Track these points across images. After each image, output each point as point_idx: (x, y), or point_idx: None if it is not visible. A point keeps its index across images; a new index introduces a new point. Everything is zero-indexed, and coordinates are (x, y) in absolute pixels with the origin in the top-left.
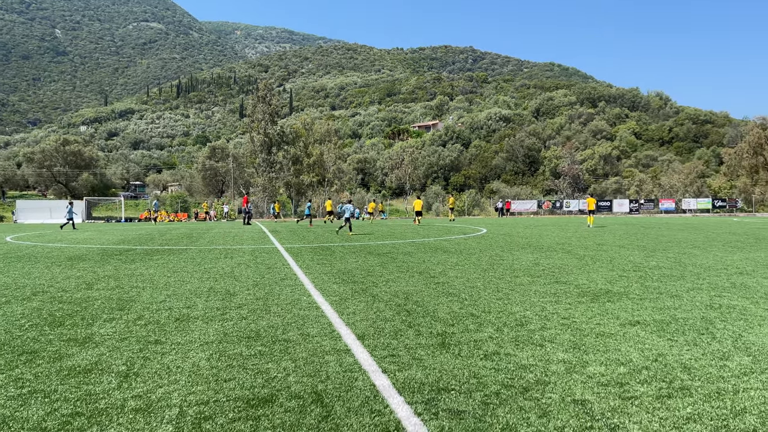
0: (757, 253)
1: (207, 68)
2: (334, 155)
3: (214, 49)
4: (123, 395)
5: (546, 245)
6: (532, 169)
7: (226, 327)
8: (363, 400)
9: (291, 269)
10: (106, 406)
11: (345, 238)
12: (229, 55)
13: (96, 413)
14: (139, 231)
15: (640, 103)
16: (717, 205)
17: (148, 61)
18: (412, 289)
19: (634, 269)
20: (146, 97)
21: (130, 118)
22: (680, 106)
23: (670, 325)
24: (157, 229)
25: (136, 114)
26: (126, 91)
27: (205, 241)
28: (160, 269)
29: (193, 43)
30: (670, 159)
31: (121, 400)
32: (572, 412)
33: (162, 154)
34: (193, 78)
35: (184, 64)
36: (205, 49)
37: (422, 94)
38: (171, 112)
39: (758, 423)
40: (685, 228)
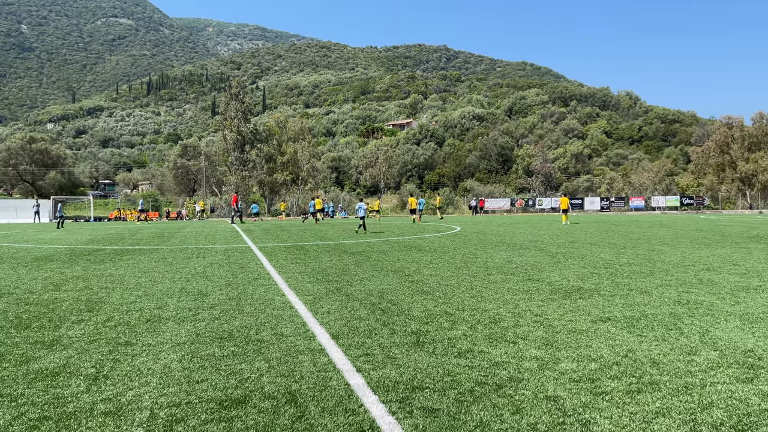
0: (723, 249)
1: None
2: (308, 153)
3: (186, 46)
4: (92, 398)
5: (519, 243)
6: (506, 168)
7: (199, 327)
8: (337, 399)
9: (264, 269)
10: (74, 410)
11: (319, 236)
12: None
13: (64, 417)
14: (109, 231)
15: (610, 102)
16: (685, 203)
17: (117, 58)
18: (386, 288)
19: (605, 266)
20: (116, 95)
21: (99, 116)
22: (649, 105)
23: (639, 321)
24: (127, 229)
25: (106, 111)
26: (95, 88)
27: (177, 241)
28: (131, 269)
29: (163, 40)
30: (640, 157)
31: (90, 404)
32: (545, 408)
33: (132, 153)
34: (164, 75)
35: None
36: (176, 46)
37: (396, 92)
38: (141, 109)
39: (725, 416)
40: (654, 225)
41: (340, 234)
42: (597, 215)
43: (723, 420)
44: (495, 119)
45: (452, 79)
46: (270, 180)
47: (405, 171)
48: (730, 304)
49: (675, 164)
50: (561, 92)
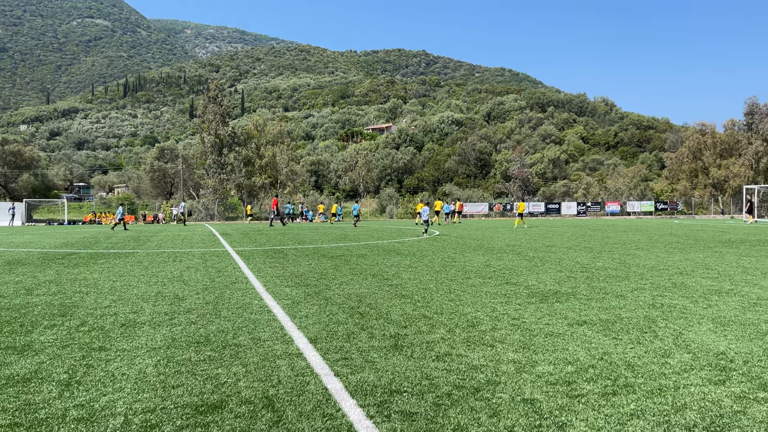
0: (696, 253)
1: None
2: (286, 157)
3: (163, 48)
4: (64, 404)
5: (497, 247)
6: (484, 172)
7: (175, 332)
8: (315, 404)
9: (242, 272)
10: (46, 416)
11: (298, 240)
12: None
13: (36, 423)
14: (83, 234)
15: (587, 108)
16: (659, 208)
17: (93, 59)
18: (365, 292)
19: (582, 270)
20: (91, 96)
21: (74, 118)
22: (625, 111)
23: (615, 325)
24: (102, 232)
25: (81, 113)
26: (69, 90)
27: (153, 244)
28: (105, 273)
29: (140, 41)
30: (616, 163)
31: (63, 410)
32: (522, 411)
33: (108, 155)
34: (141, 77)
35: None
36: (154, 48)
37: (376, 96)
38: (117, 111)
39: (698, 418)
40: (630, 230)
41: (319, 237)
42: (574, 219)
43: (696, 421)
44: (474, 124)
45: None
46: (248, 183)
47: (384, 175)
48: (703, 307)
49: (650, 170)
50: (539, 98)
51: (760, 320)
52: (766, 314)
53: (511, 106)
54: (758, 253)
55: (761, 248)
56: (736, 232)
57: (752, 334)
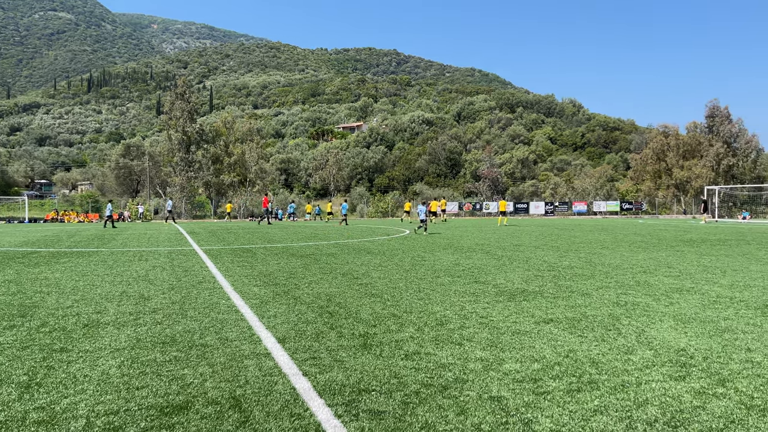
0: (659, 252)
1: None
2: (256, 155)
3: (129, 43)
4: (24, 407)
5: (466, 246)
6: (454, 172)
7: (140, 332)
8: (283, 403)
9: (209, 272)
10: (5, 419)
11: (267, 239)
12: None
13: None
14: (45, 232)
15: (555, 109)
16: (624, 208)
17: (55, 53)
18: (335, 291)
19: (549, 269)
20: (53, 91)
21: (36, 113)
22: (592, 113)
23: (580, 322)
24: (65, 231)
25: (42, 108)
26: (31, 84)
27: (118, 243)
28: (68, 273)
29: (105, 36)
30: (583, 163)
31: (22, 413)
32: (489, 408)
33: (71, 152)
34: (105, 72)
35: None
36: (119, 42)
37: (347, 95)
38: (81, 107)
39: (659, 413)
40: (596, 229)
41: (289, 236)
42: (542, 219)
43: (657, 417)
44: (444, 124)
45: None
46: (216, 181)
47: (355, 174)
48: (665, 305)
49: (615, 170)
50: (508, 99)
51: (719, 317)
52: (725, 311)
53: (481, 107)
54: (718, 252)
55: (721, 247)
56: (697, 231)
57: (711, 330)
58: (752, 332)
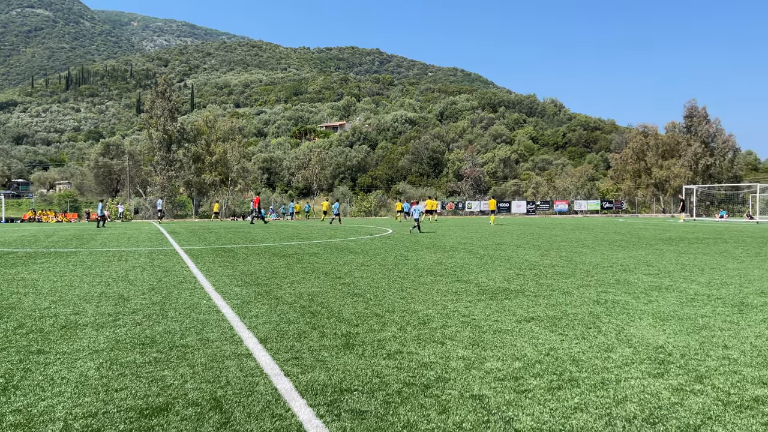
0: (639, 251)
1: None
2: (238, 154)
3: (108, 40)
4: (0, 410)
5: (449, 245)
6: (437, 171)
7: (119, 333)
8: (264, 404)
9: (190, 272)
10: None
11: (249, 238)
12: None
13: None
14: (22, 232)
15: (536, 109)
16: (605, 207)
17: (33, 50)
18: (317, 291)
19: (530, 268)
20: (31, 89)
21: (12, 111)
22: (573, 113)
23: (561, 321)
24: (42, 230)
25: (19, 106)
26: (8, 82)
27: (97, 243)
28: (45, 273)
29: (84, 33)
30: (564, 163)
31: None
32: (470, 407)
33: (49, 150)
34: (84, 70)
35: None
36: (98, 40)
37: (329, 94)
38: (59, 105)
39: (638, 410)
40: (577, 228)
41: (271, 236)
42: (523, 218)
43: (636, 413)
44: (427, 123)
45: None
46: (198, 181)
47: (338, 173)
48: (644, 302)
49: (596, 170)
50: (490, 98)
51: (696, 315)
52: (702, 309)
53: (464, 106)
54: (696, 250)
55: (698, 246)
56: (675, 230)
57: (689, 328)
58: (729, 329)
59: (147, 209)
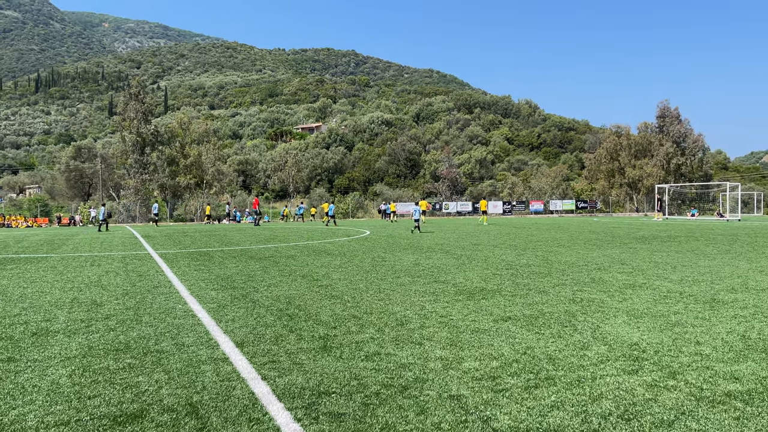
0: (613, 250)
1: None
2: (213, 156)
3: (79, 42)
4: None
5: (426, 246)
6: (414, 172)
7: (92, 340)
8: (241, 408)
9: (165, 276)
10: None
11: (224, 242)
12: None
13: None
14: None
15: (512, 110)
16: (580, 206)
17: (1, 52)
18: (294, 293)
19: (507, 267)
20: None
21: None
22: (547, 114)
23: (537, 320)
24: (11, 236)
25: None
26: None
27: (69, 248)
28: (15, 279)
29: (54, 34)
30: (539, 163)
31: None
32: (448, 407)
33: (18, 154)
34: (54, 72)
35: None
36: (69, 41)
37: (305, 96)
38: (29, 108)
39: (613, 407)
40: (552, 228)
41: (247, 239)
42: (499, 218)
43: (611, 410)
44: (403, 125)
45: (361, 84)
46: (172, 183)
47: (315, 175)
48: (618, 300)
49: (571, 170)
50: (466, 99)
51: (669, 312)
52: (675, 306)
53: (440, 107)
54: (668, 248)
55: (671, 244)
56: (648, 229)
57: (662, 325)
58: (701, 326)
59: (121, 213)
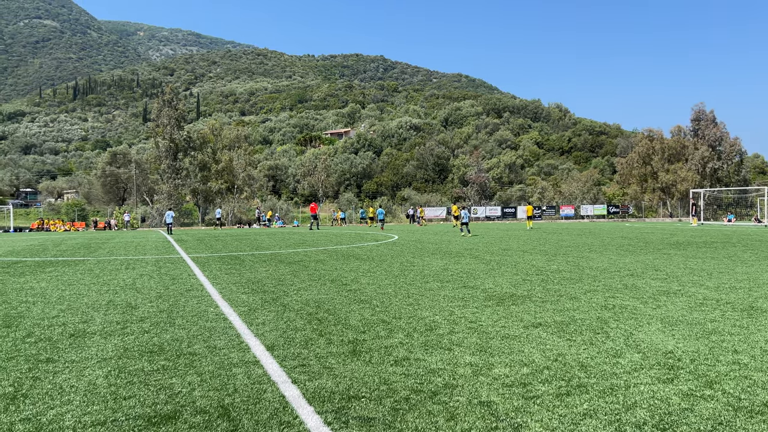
0: (646, 255)
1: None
2: (243, 161)
3: (115, 50)
4: (10, 419)
5: (455, 251)
6: (442, 177)
7: (127, 342)
8: (272, 411)
9: (197, 280)
10: None
11: (255, 246)
12: (131, 56)
13: None
14: (30, 241)
15: (541, 114)
16: (611, 211)
17: (41, 61)
18: (323, 298)
19: (537, 273)
20: (39, 99)
21: (21, 121)
22: (578, 117)
23: (569, 326)
24: (50, 239)
25: (27, 116)
26: (16, 92)
27: (104, 252)
28: (54, 282)
29: (91, 43)
30: (570, 167)
31: (8, 424)
32: (478, 413)
33: (57, 160)
34: (91, 79)
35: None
36: (105, 50)
37: (334, 101)
38: (67, 115)
39: (648, 416)
40: (583, 233)
41: (277, 243)
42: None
43: (646, 419)
44: (431, 129)
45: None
46: (204, 189)
47: (343, 180)
48: (652, 307)
49: (602, 174)
50: (495, 104)
51: (705, 319)
52: (712, 314)
53: (468, 112)
54: (704, 254)
55: (707, 250)
56: (683, 234)
57: (698, 333)
58: (738, 334)
59: (154, 217)
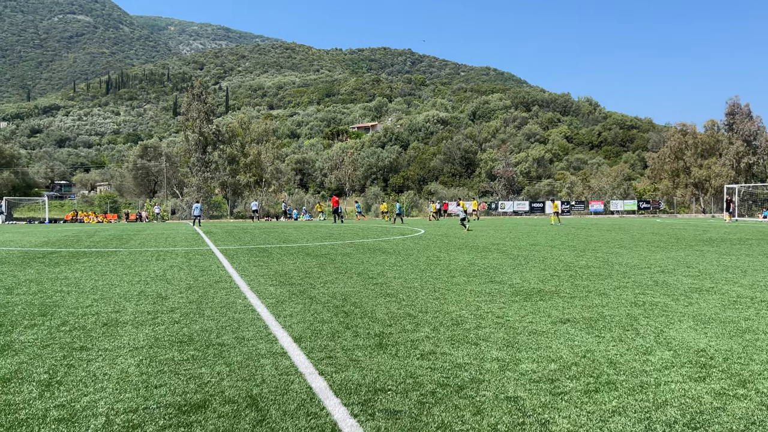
0: (678, 252)
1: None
2: (271, 155)
3: (146, 45)
4: (45, 405)
5: (481, 245)
6: (469, 171)
7: (158, 331)
8: (299, 402)
9: (226, 271)
10: (26, 417)
11: (282, 238)
12: (162, 51)
13: (16, 424)
14: (65, 232)
15: (571, 108)
16: (642, 207)
17: (74, 55)
18: (350, 291)
19: (565, 269)
20: (72, 93)
21: (55, 115)
22: (608, 111)
23: (597, 322)
24: (84, 231)
25: (62, 110)
26: (50, 86)
27: (136, 243)
28: (87, 272)
29: (123, 38)
30: (599, 162)
31: (43, 410)
32: (505, 409)
33: (90, 153)
34: (123, 74)
35: (113, 60)
36: (137, 45)
37: (361, 95)
38: (100, 108)
39: (678, 414)
40: (613, 228)
41: (304, 236)
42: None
43: (677, 418)
44: (459, 123)
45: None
46: (233, 182)
47: (370, 173)
48: (684, 305)
49: (632, 169)
50: (523, 97)
51: (739, 318)
52: (746, 312)
53: (496, 105)
54: (738, 251)
55: (741, 247)
56: (716, 230)
57: (732, 331)
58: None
59: (183, 210)
